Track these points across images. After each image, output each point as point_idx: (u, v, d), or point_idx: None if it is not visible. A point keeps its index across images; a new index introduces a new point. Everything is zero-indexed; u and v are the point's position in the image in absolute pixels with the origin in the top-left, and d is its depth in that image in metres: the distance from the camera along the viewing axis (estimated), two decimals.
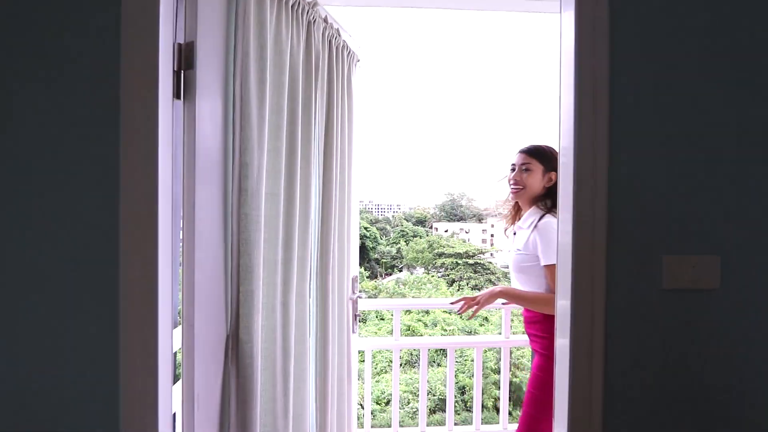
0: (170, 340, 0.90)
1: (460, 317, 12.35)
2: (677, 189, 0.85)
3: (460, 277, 19.64)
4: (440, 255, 21.76)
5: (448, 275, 20.13)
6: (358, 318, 1.75)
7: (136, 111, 0.83)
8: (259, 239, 1.06)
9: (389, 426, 2.00)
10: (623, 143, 0.82)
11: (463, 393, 9.81)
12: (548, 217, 1.42)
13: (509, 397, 2.00)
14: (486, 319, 13.02)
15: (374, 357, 11.50)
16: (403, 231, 30.15)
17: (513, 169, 1.52)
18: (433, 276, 19.58)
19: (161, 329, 0.85)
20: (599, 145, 0.83)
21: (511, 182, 1.51)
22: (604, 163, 0.83)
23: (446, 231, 34.92)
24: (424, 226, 36.28)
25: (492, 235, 36.05)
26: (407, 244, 26.21)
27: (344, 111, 1.55)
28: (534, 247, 1.41)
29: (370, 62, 1.79)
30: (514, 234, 1.58)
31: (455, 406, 9.78)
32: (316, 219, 1.43)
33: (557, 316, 0.91)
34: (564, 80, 0.88)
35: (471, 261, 20.52)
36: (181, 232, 0.95)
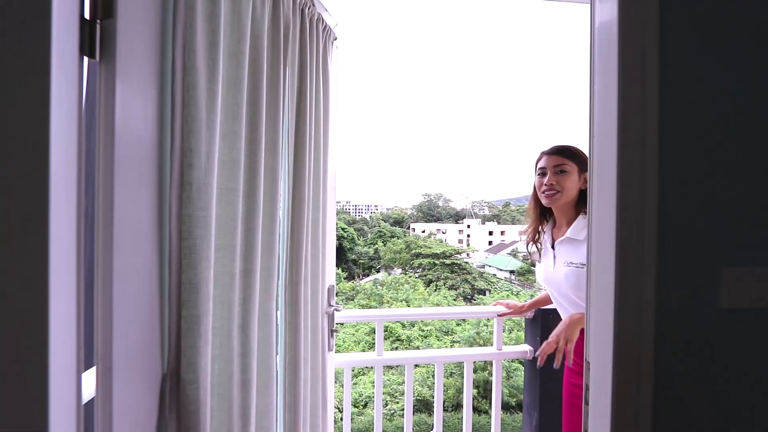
0: (76, 387, 0.65)
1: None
2: (740, 185, 0.69)
3: (437, 277, 19.74)
4: (417, 255, 21.84)
5: (425, 275, 20.20)
6: (334, 333, 1.53)
7: (16, 70, 0.58)
8: (209, 247, 0.83)
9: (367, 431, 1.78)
10: (674, 132, 0.65)
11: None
12: None
13: (482, 396, 1.82)
14: (463, 319, 13.01)
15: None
16: (380, 231, 29.99)
17: (542, 174, 1.36)
18: (410, 276, 19.58)
19: (57, 373, 0.60)
20: (649, 136, 0.64)
21: (545, 187, 1.34)
22: (654, 159, 0.65)
23: (423, 231, 35.08)
24: (402, 227, 36.30)
25: (468, 236, 36.55)
26: (385, 245, 26.11)
27: (319, 95, 1.32)
28: None
29: (346, 48, 1.57)
30: (553, 247, 1.40)
31: (432, 407, 9.72)
32: (285, 221, 1.20)
33: (590, 334, 0.73)
34: (600, 65, 0.70)
35: (448, 261, 20.68)
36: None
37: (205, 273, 0.81)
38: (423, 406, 8.64)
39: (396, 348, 11.13)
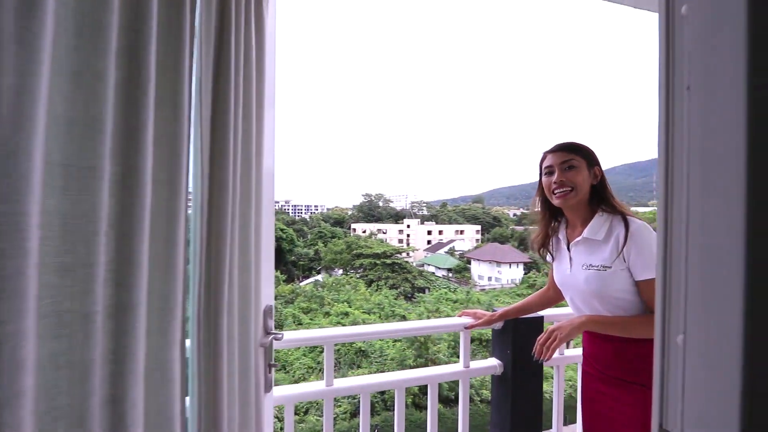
0: None
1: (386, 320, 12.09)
2: None
3: (379, 277, 19.74)
4: (359, 256, 21.66)
5: (366, 276, 20.08)
6: (273, 369, 1.16)
7: None
8: (22, 272, 0.43)
9: None
10: None
11: (383, 393, 9.69)
12: (636, 221, 1.15)
13: (424, 392, 1.59)
14: (403, 316, 13.02)
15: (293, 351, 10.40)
16: (321, 232, 29.16)
17: (549, 173, 1.25)
18: (352, 277, 19.30)
19: None
20: None
21: (555, 185, 1.22)
22: None
23: (364, 231, 34.88)
24: (343, 227, 35.73)
25: (408, 235, 37.19)
26: (325, 246, 25.46)
27: (250, 41, 0.94)
28: (627, 260, 1.15)
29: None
30: (568, 249, 1.29)
31: (376, 406, 9.46)
32: (196, 220, 0.81)
33: (669, 386, 0.49)
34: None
35: (388, 261, 20.80)
36: None
37: (15, 322, 0.42)
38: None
39: (338, 350, 10.76)
